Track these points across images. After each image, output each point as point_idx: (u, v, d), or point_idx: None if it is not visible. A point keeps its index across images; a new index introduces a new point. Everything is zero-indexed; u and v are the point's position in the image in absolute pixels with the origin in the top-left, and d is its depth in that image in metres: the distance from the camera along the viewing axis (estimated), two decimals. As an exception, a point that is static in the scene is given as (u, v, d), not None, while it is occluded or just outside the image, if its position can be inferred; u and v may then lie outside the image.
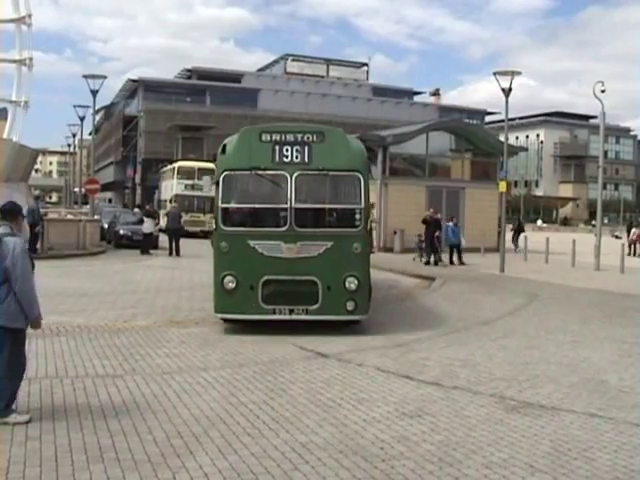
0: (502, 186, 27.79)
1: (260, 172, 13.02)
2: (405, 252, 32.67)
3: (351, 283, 12.86)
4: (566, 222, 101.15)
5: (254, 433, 7.39)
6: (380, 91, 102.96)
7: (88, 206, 43.10)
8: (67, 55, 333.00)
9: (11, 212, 8.09)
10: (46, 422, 7.64)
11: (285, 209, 13.01)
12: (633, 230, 42.49)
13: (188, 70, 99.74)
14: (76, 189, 67.98)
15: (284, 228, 12.98)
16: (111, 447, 6.88)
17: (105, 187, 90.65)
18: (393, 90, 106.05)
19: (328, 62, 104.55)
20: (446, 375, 10.09)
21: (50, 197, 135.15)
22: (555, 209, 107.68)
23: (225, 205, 13.34)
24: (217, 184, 13.27)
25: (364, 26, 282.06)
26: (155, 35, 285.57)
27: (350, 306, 12.90)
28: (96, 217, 36.95)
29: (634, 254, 39.60)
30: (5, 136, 33.99)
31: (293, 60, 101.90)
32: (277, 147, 12.99)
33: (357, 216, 13.19)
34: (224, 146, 13.43)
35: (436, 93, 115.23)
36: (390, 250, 33.83)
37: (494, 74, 26.71)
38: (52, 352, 11.05)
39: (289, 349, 11.69)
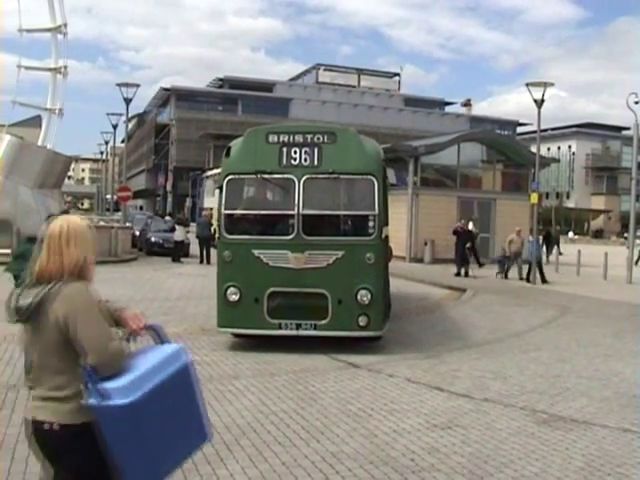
0: (533, 198, 27.68)
1: (266, 176, 12.33)
2: (435, 263, 32.57)
3: (363, 296, 11.94)
4: (598, 234, 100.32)
5: (285, 442, 7.42)
6: (412, 101, 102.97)
7: (120, 213, 43.45)
8: (100, 64, 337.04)
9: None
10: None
11: (292, 215, 12.12)
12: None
13: (220, 79, 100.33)
14: (108, 196, 68.56)
15: (291, 236, 12.10)
16: (143, 454, 6.91)
17: (137, 194, 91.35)
18: (425, 100, 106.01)
19: (360, 72, 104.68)
20: (477, 387, 10.06)
21: (82, 204, 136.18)
22: (587, 221, 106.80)
23: (228, 211, 12.56)
24: (220, 189, 12.56)
25: (395, 36, 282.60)
26: (187, 44, 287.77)
27: (362, 321, 11.97)
28: (128, 224, 37.23)
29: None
30: (40, 143, 34.27)
31: (325, 70, 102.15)
32: (285, 149, 12.20)
33: (370, 223, 12.24)
34: (228, 149, 12.79)
35: (467, 104, 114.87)
36: (420, 261, 33.72)
37: (526, 85, 26.68)
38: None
39: (320, 359, 11.69)
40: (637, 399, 9.80)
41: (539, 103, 26.48)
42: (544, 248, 35.82)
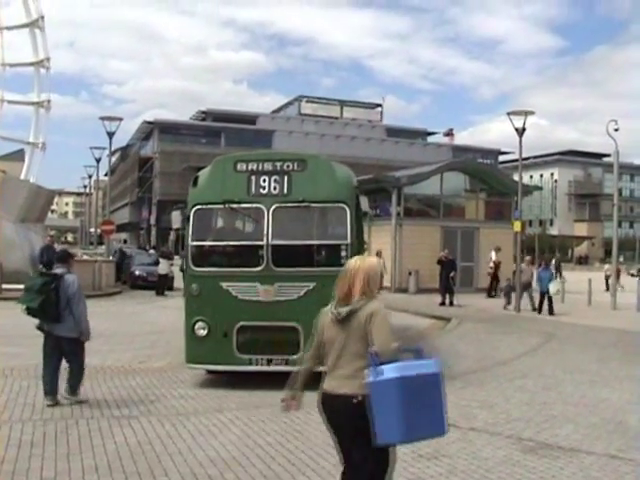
0: (517, 226, 27.78)
1: (234, 206, 11.91)
2: (420, 292, 32.57)
3: None
4: (582, 261, 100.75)
5: (270, 475, 7.36)
6: (394, 132, 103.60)
7: (104, 247, 43.32)
8: (83, 97, 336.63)
9: (65, 257, 10.97)
10: (61, 463, 7.65)
11: (261, 246, 11.64)
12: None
13: (203, 112, 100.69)
14: (92, 230, 68.43)
15: (260, 267, 11.63)
16: (126, 489, 6.85)
17: (120, 228, 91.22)
18: (407, 131, 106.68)
19: (342, 103, 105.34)
20: (463, 416, 9.98)
21: (66, 237, 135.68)
22: (570, 248, 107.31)
23: (196, 243, 12.14)
24: (187, 220, 12.10)
25: (377, 67, 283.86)
26: (169, 78, 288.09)
27: None
28: (111, 258, 37.09)
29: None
30: (22, 177, 34.19)
31: (307, 102, 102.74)
32: (253, 177, 11.78)
33: (343, 253, 11.60)
34: (196, 178, 12.34)
35: (449, 133, 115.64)
36: (405, 291, 33.69)
37: (508, 114, 26.88)
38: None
39: (305, 390, 11.55)
40: (624, 425, 9.79)
41: (520, 131, 26.66)
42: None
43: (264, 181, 11.75)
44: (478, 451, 8.36)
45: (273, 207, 11.65)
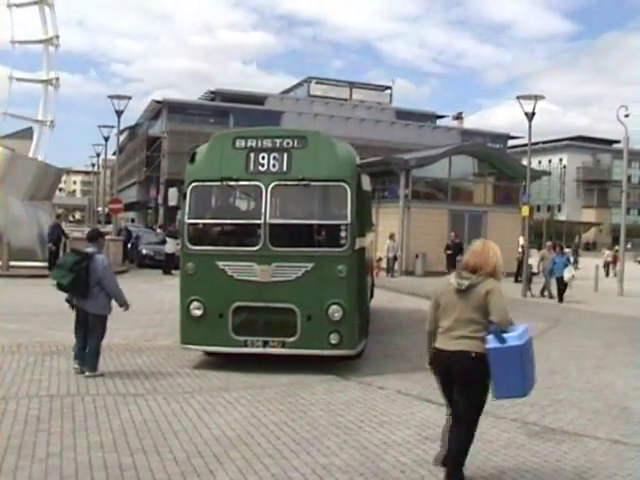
0: (524, 210, 27.74)
1: (232, 183, 11.68)
2: (427, 275, 32.58)
3: (335, 312, 11.17)
4: (590, 247, 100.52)
5: (275, 454, 7.39)
6: (403, 115, 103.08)
7: (111, 225, 43.38)
8: (92, 76, 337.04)
9: (95, 236, 11.44)
10: (67, 439, 7.71)
11: (259, 225, 11.36)
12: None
13: (212, 92, 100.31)
14: (99, 208, 68.47)
15: (257, 247, 11.37)
16: (132, 465, 6.92)
17: (128, 207, 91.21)
18: (416, 114, 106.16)
19: (351, 85, 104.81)
20: (468, 399, 10.00)
21: (74, 216, 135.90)
22: (578, 234, 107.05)
23: (192, 221, 11.90)
24: (184, 197, 11.92)
25: (387, 50, 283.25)
26: (178, 57, 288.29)
27: (334, 339, 11.22)
28: (120, 237, 37.13)
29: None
30: (31, 155, 34.18)
31: (317, 83, 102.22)
32: (252, 154, 11.54)
33: (342, 233, 11.42)
34: (193, 154, 12.21)
35: (459, 117, 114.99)
36: (412, 273, 33.71)
37: (518, 98, 26.76)
38: (73, 370, 11.09)
39: (310, 371, 11.60)
40: (628, 411, 9.82)
41: (530, 116, 26.58)
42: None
43: (263, 158, 11.52)
44: (482, 434, 8.32)
45: (272, 185, 11.41)
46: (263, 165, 11.51)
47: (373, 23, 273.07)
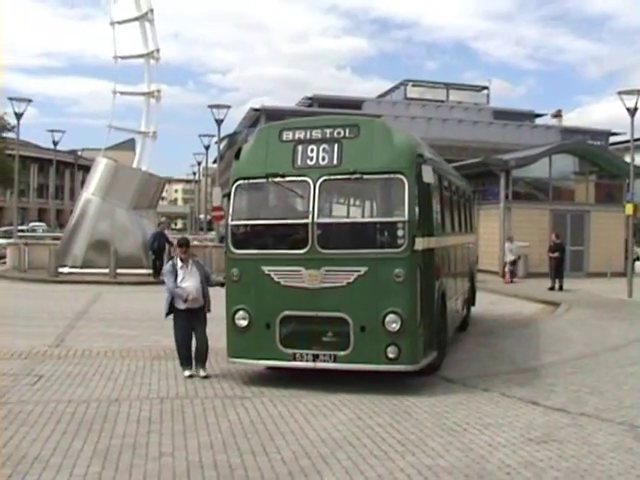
0: (628, 209, 27.09)
1: (277, 179, 10.71)
2: (529, 277, 32.17)
3: (392, 322, 10.01)
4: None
5: (380, 455, 7.48)
6: (501, 114, 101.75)
7: (214, 232, 44.15)
8: (190, 87, 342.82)
9: (187, 243, 11.83)
10: (178, 439, 7.97)
11: (306, 225, 10.41)
12: None
13: (309, 98, 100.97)
14: (201, 216, 69.73)
15: (305, 250, 10.40)
16: (241, 465, 7.11)
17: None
18: (514, 113, 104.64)
19: (448, 86, 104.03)
20: (573, 402, 9.92)
21: (175, 224, 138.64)
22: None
23: (236, 222, 11.10)
24: (228, 197, 11.15)
25: (481, 49, 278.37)
26: (273, 65, 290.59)
27: (392, 353, 10.07)
28: (222, 244, 37.71)
29: None
30: (135, 165, 35.17)
31: (413, 85, 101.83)
32: (300, 147, 10.59)
33: (400, 232, 10.21)
34: (238, 150, 11.44)
35: (558, 114, 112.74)
36: (513, 275, 33.31)
37: (619, 93, 26.20)
38: (182, 374, 11.43)
39: (414, 373, 11.58)
40: None
41: (632, 111, 25.98)
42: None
43: (312, 151, 10.56)
44: (589, 437, 8.28)
45: (320, 180, 10.46)
46: (312, 158, 10.56)
47: (467, 22, 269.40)
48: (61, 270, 30.50)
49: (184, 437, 8.04)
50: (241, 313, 10.73)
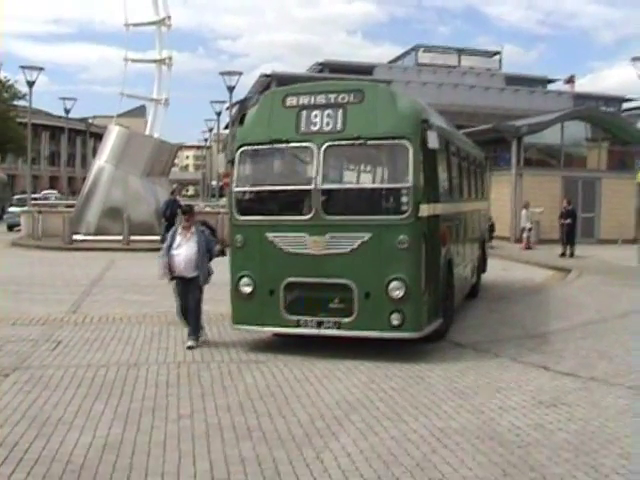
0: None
1: (281, 145, 10.65)
2: (540, 243, 32.22)
3: (396, 289, 9.99)
4: None
5: (394, 417, 7.65)
6: (513, 80, 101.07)
7: (225, 199, 44.27)
8: (200, 53, 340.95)
9: (191, 211, 11.72)
10: (197, 402, 8.18)
11: (310, 191, 10.38)
12: None
13: (320, 64, 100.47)
14: (213, 182, 69.76)
15: (309, 216, 10.36)
16: (258, 427, 7.29)
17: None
18: (526, 79, 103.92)
19: (460, 52, 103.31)
20: (583, 366, 10.06)
21: (187, 190, 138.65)
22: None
23: (240, 189, 11.04)
24: (232, 163, 11.10)
25: (493, 14, 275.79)
26: (283, 31, 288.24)
27: (396, 320, 10.06)
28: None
29: None
30: (147, 132, 35.25)
31: (425, 51, 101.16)
32: (304, 112, 10.49)
33: (404, 199, 10.08)
34: (243, 116, 11.34)
35: (571, 80, 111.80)
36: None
37: (632, 59, 26.14)
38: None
39: (425, 338, 11.69)
40: None
41: (645, 78, 25.93)
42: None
43: (315, 117, 10.47)
44: (598, 400, 8.42)
45: (324, 146, 10.34)
46: (315, 124, 10.46)
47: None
48: (75, 237, 30.75)
49: (202, 400, 8.23)
50: (245, 280, 10.74)
